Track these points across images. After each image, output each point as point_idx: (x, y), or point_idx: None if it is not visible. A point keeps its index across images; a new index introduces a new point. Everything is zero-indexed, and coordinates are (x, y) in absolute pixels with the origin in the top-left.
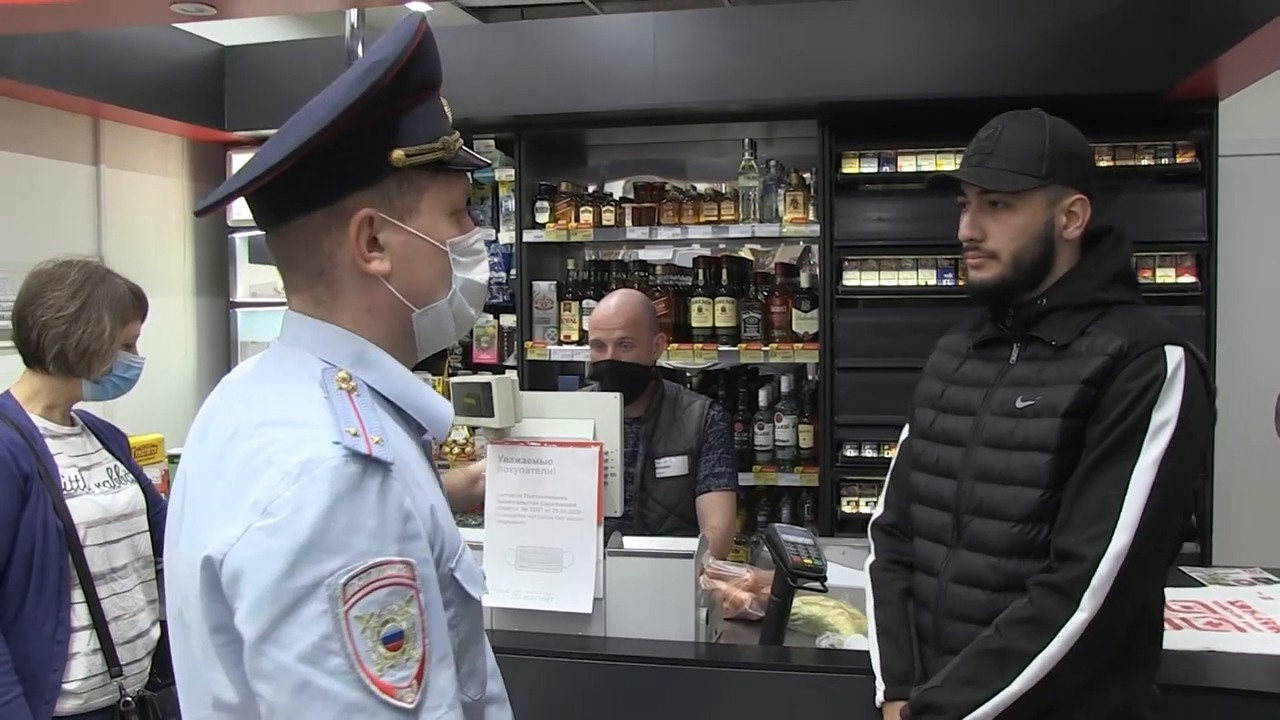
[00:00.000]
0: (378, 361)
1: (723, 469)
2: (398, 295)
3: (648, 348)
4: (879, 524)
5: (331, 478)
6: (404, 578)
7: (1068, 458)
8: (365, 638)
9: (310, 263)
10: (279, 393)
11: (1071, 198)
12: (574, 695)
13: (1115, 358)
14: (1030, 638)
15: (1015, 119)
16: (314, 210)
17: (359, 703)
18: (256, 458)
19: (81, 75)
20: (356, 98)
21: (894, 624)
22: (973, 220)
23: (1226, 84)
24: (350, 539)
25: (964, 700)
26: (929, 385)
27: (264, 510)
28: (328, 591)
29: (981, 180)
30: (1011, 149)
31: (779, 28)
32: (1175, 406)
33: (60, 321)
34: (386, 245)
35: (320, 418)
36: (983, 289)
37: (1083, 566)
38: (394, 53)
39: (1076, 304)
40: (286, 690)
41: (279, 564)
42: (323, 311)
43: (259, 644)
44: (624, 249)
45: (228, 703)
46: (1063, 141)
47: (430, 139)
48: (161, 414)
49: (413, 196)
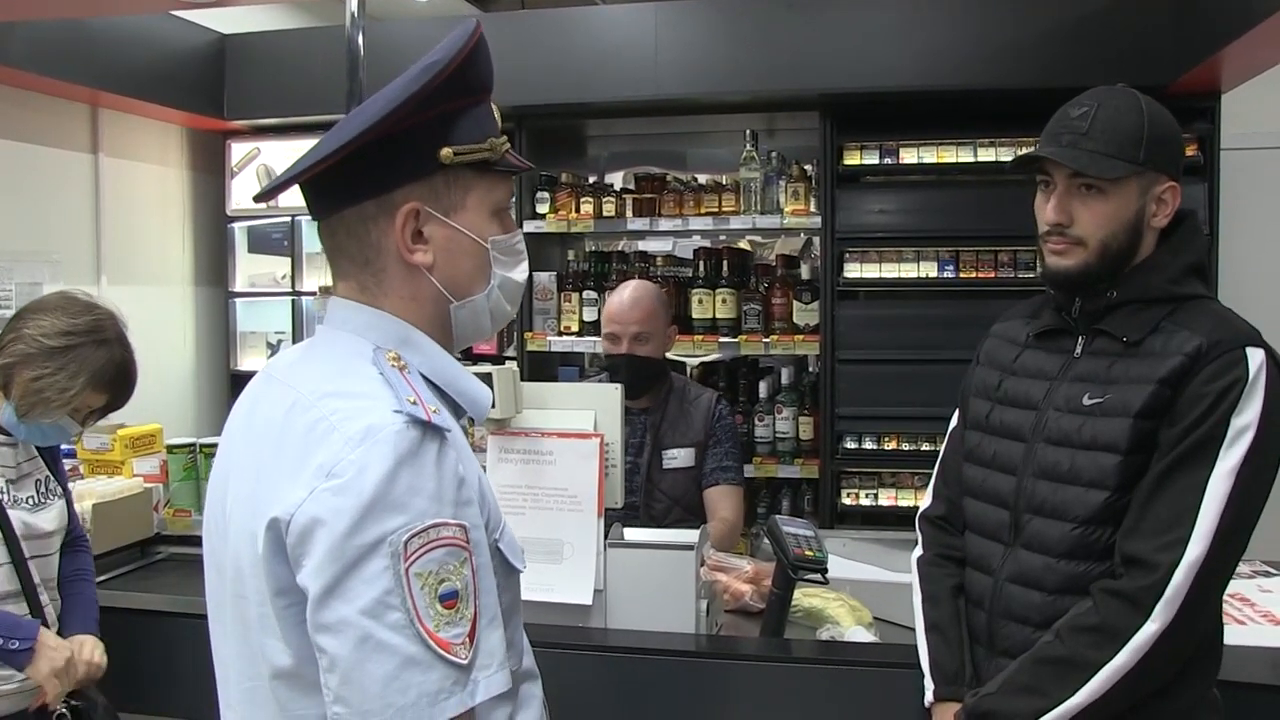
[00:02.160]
0: (422, 345)
1: (730, 463)
2: (439, 286)
3: (662, 340)
4: (927, 516)
5: (394, 441)
6: (459, 539)
7: (1137, 460)
8: (424, 594)
9: (358, 251)
10: (336, 369)
11: (1164, 185)
12: (574, 687)
13: (1193, 358)
14: (1096, 647)
15: (1111, 97)
16: (363, 201)
17: (417, 656)
18: (319, 426)
19: (80, 63)
20: (408, 97)
21: (944, 621)
22: (1060, 204)
23: (1229, 78)
24: (411, 499)
25: (1024, 709)
26: (984, 374)
27: (329, 473)
28: (390, 549)
29: (1078, 163)
30: (1109, 130)
31: (781, 18)
32: (1256, 412)
33: (34, 347)
34: (431, 238)
35: (378, 390)
36: (1066, 277)
37: (1155, 576)
38: (447, 56)
39: (1149, 298)
40: (349, 643)
41: (345, 521)
42: (368, 298)
43: (323, 598)
44: (624, 240)
45: (282, 668)
46: (1161, 126)
47: (479, 140)
48: (160, 404)
49: (459, 194)
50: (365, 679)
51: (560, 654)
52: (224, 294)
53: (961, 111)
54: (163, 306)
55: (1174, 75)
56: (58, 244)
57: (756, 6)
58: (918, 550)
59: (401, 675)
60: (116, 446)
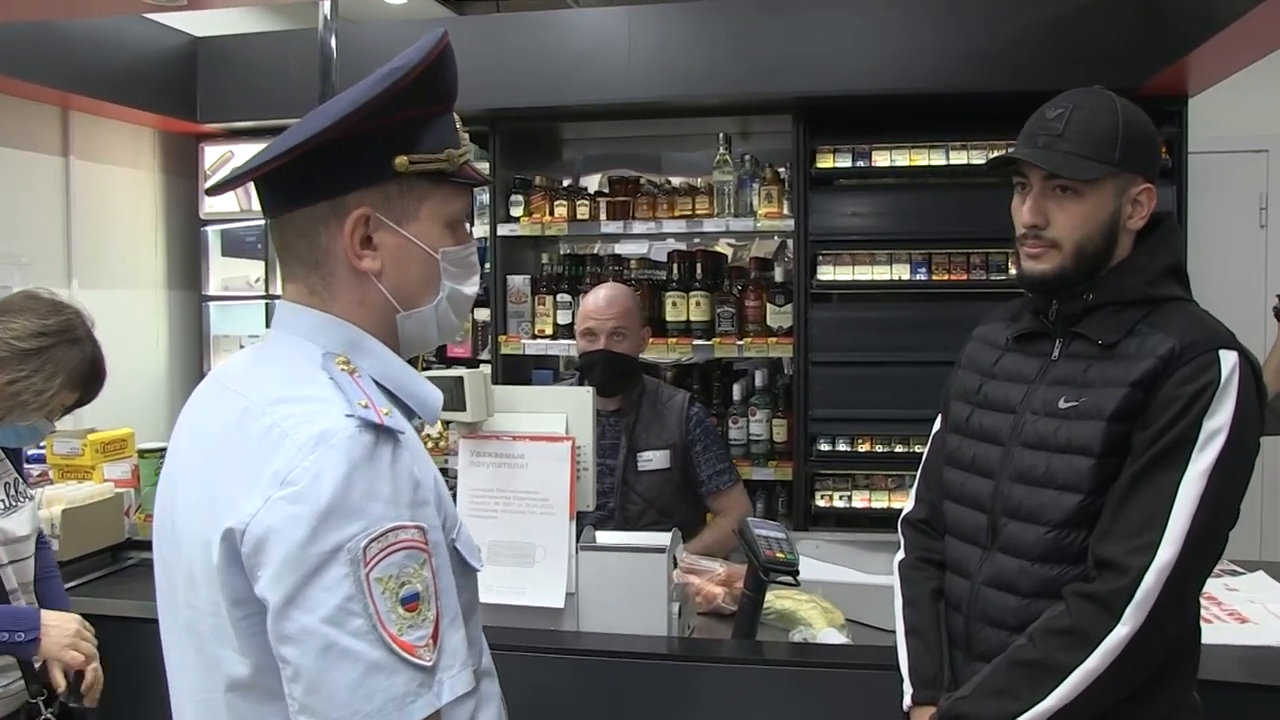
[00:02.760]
0: (372, 348)
1: (723, 465)
2: (386, 294)
3: (636, 340)
4: (909, 519)
5: (348, 447)
6: (418, 542)
7: (1111, 463)
8: (385, 599)
9: (307, 252)
10: (286, 374)
11: (1140, 186)
12: (546, 690)
13: (1166, 360)
14: (1068, 650)
15: (1087, 98)
16: (316, 202)
17: (382, 661)
18: (271, 433)
19: (51, 65)
20: (366, 101)
21: (924, 625)
22: (1036, 205)
23: (1196, 82)
24: (368, 504)
25: (997, 712)
26: (965, 378)
27: (283, 480)
28: (349, 555)
29: (1052, 165)
30: (1083, 132)
31: (754, 22)
32: (1228, 415)
33: (5, 349)
34: (380, 245)
35: (330, 394)
36: (1041, 280)
37: (1126, 578)
38: (410, 63)
39: (1125, 300)
40: (312, 652)
41: (302, 530)
42: (317, 301)
43: (284, 608)
44: (599, 243)
45: (239, 679)
46: (1136, 127)
47: (437, 150)
48: (132, 409)
49: (413, 203)
50: (330, 687)
51: (532, 657)
52: (197, 297)
53: (933, 114)
54: (135, 310)
55: (1142, 79)
56: (28, 247)
57: (729, 10)
58: (899, 554)
59: (367, 681)
60: (87, 451)
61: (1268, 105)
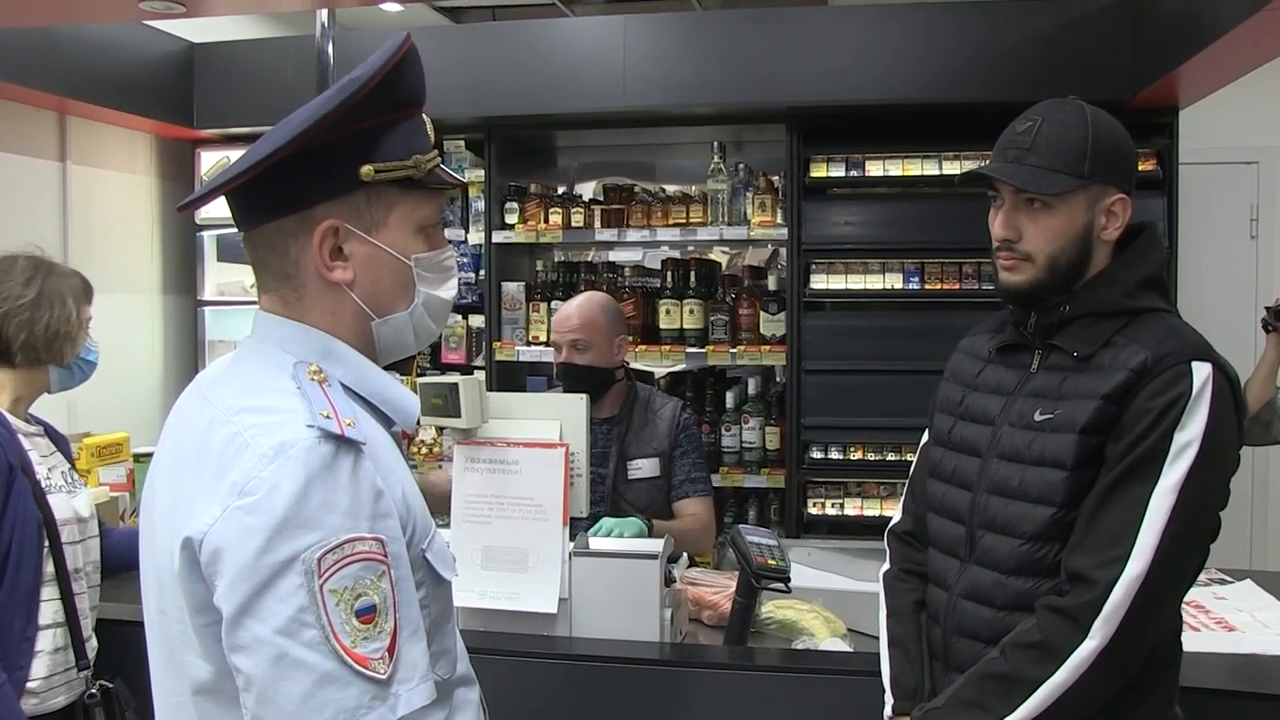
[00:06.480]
0: (344, 357)
1: (698, 474)
2: (359, 303)
3: (606, 350)
4: (895, 531)
5: (305, 458)
6: (376, 554)
7: (1084, 476)
8: (339, 610)
9: (278, 266)
10: (253, 384)
11: (1113, 198)
12: (539, 695)
13: (1138, 373)
14: (1036, 664)
15: (1055, 110)
16: (285, 216)
17: (334, 673)
18: (234, 442)
19: (49, 71)
20: (325, 114)
21: (906, 636)
22: (1007, 219)
23: (1186, 94)
24: (324, 516)
25: None
26: (949, 390)
27: (241, 490)
28: (303, 566)
29: (1019, 179)
30: (1052, 145)
31: (749, 32)
32: (1199, 427)
33: (22, 309)
34: (351, 255)
35: (294, 404)
36: (1017, 292)
37: (1095, 592)
38: (368, 73)
39: (1101, 312)
40: (264, 662)
41: (256, 540)
42: (290, 311)
43: (237, 618)
44: (593, 250)
45: (203, 683)
46: (1106, 138)
47: (403, 156)
48: (127, 413)
49: (381, 211)
50: (281, 698)
51: (525, 662)
52: (193, 302)
53: (927, 125)
54: (131, 315)
55: (1133, 91)
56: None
57: (724, 20)
58: (885, 565)
59: (318, 693)
60: (83, 455)
61: (1258, 117)
